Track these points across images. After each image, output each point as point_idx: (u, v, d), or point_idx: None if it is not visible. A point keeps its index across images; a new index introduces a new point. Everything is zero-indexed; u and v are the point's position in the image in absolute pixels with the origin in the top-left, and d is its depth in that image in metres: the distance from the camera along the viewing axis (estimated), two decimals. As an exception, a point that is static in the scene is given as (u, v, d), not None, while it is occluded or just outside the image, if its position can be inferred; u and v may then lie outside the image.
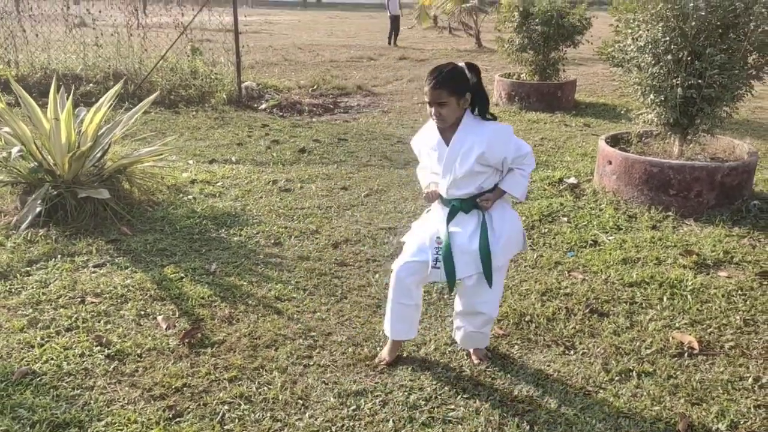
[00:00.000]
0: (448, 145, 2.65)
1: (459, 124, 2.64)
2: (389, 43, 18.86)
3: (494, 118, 2.70)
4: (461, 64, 2.62)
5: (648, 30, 4.82)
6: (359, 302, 3.46)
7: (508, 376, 2.83)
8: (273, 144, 6.89)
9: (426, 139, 2.76)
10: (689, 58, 4.69)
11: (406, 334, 2.88)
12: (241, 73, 9.40)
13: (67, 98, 4.68)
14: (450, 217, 2.71)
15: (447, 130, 2.67)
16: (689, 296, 3.53)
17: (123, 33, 9.69)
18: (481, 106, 2.67)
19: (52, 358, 2.87)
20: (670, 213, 4.70)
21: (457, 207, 2.70)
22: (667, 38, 4.69)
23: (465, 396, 2.69)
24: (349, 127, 7.89)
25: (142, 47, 9.63)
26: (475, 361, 2.91)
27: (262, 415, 2.55)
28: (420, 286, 2.85)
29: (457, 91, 2.58)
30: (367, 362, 2.91)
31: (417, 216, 4.68)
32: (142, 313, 3.32)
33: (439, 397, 2.68)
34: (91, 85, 8.86)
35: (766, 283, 3.70)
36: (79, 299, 3.42)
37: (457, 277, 2.69)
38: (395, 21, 19.09)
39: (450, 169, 2.65)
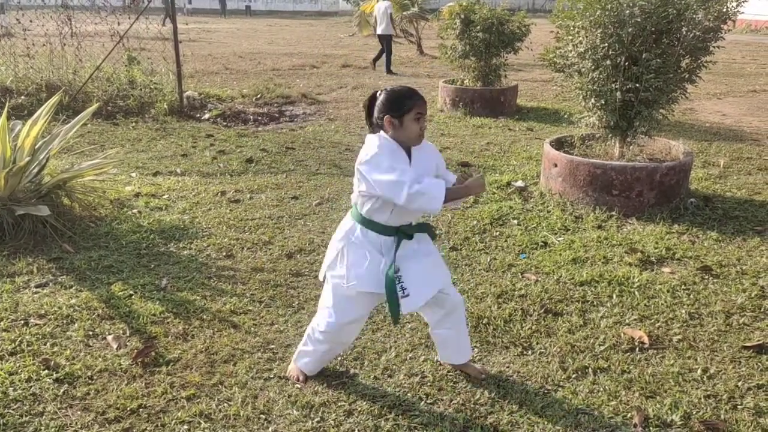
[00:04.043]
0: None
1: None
2: (387, 71, 14.55)
3: None
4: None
5: (587, 36, 4.98)
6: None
7: (470, 379, 2.85)
8: (219, 154, 6.77)
9: (396, 161, 2.45)
10: (627, 63, 4.87)
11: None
12: (182, 82, 9.20)
13: (1, 112, 4.46)
14: (398, 245, 2.56)
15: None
16: (636, 293, 3.66)
17: (55, 42, 9.33)
18: None
19: (-5, 385, 2.73)
20: (613, 213, 4.86)
21: (409, 234, 2.59)
22: (606, 44, 4.85)
23: (428, 402, 2.70)
24: (296, 136, 7.83)
25: (76, 57, 9.30)
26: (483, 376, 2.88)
27: (224, 433, 2.49)
28: None
29: None
30: (329, 373, 2.89)
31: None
32: (91, 333, 3.19)
33: (403, 404, 2.68)
34: (22, 97, 8.50)
35: (707, 277, 3.87)
36: (22, 321, 3.26)
37: (424, 302, 2.63)
38: (386, 42, 14.91)
39: None
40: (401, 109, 2.45)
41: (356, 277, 2.54)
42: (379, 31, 14.91)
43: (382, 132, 2.49)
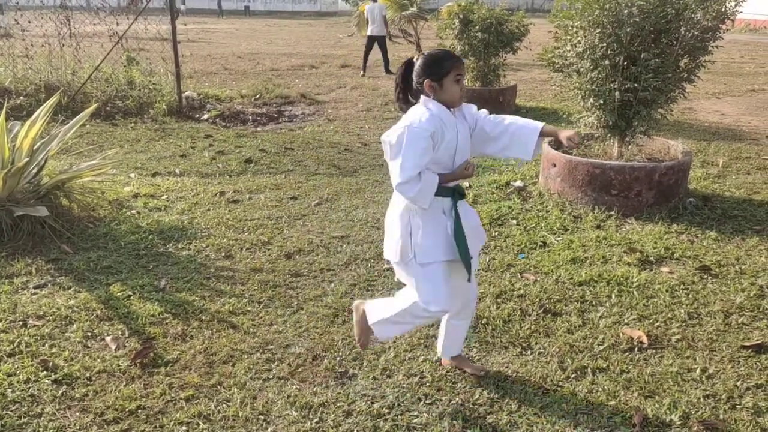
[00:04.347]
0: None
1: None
2: (386, 71, 14.46)
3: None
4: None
5: (586, 36, 4.98)
6: (316, 312, 3.43)
7: (469, 379, 2.85)
8: (218, 155, 6.77)
9: (439, 125, 2.44)
10: (625, 63, 4.87)
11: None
12: (181, 82, 9.19)
13: (-1, 112, 4.46)
14: (454, 205, 2.57)
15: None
16: (635, 292, 3.66)
17: (54, 43, 9.33)
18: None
19: (-6, 387, 2.73)
20: (612, 212, 4.86)
21: (462, 193, 2.61)
22: (604, 44, 4.85)
23: (427, 402, 2.70)
24: (295, 136, 7.82)
25: (74, 58, 9.30)
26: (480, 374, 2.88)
27: (223, 434, 2.49)
28: None
29: None
30: (328, 373, 2.88)
31: (369, 223, 4.71)
32: (89, 334, 3.19)
33: (402, 404, 2.68)
34: (21, 98, 8.49)
35: (706, 277, 3.87)
36: (20, 323, 3.26)
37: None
38: (381, 43, 14.64)
39: (466, 149, 2.56)
40: (440, 72, 2.45)
41: (434, 249, 2.51)
42: (375, 32, 14.74)
43: (428, 101, 2.48)
